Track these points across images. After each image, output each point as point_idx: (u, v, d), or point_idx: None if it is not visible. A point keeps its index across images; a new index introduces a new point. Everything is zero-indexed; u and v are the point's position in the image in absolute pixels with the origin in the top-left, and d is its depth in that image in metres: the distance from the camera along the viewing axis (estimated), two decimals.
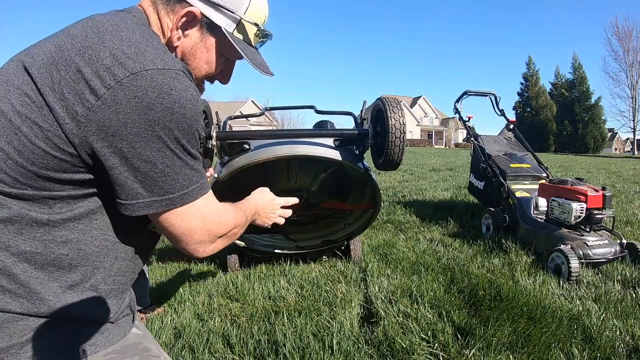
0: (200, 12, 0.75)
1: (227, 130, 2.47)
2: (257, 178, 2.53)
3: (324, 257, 3.00)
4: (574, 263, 2.38)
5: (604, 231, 2.82)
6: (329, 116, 2.87)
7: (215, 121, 2.08)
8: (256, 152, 2.10)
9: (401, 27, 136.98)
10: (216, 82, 0.89)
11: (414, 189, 6.82)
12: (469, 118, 4.49)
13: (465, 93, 4.47)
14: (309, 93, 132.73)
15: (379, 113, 1.99)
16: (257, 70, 0.84)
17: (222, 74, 0.87)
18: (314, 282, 2.46)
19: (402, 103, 1.99)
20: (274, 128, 49.93)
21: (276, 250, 2.85)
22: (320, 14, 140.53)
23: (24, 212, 0.62)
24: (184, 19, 0.74)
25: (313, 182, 2.59)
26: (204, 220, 0.72)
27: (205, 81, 0.86)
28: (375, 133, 2.05)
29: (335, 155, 2.09)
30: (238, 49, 0.78)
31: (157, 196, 0.65)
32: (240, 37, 0.80)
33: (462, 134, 49.46)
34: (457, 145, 49.37)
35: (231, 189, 2.41)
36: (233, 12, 0.77)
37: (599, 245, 2.64)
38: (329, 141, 2.19)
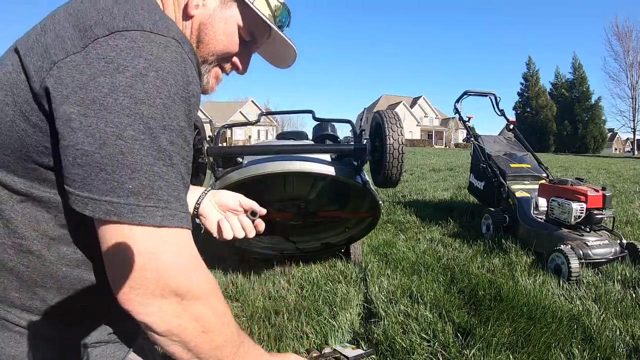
0: None
1: (220, 144, 2.41)
2: (254, 188, 2.50)
3: (324, 256, 3.00)
4: (574, 263, 2.38)
5: (604, 231, 2.82)
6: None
7: (209, 132, 2.04)
8: (250, 168, 2.06)
9: (401, 27, 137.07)
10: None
11: (414, 189, 6.82)
12: (469, 118, 4.50)
13: (465, 93, 4.47)
14: (309, 92, 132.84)
15: (378, 127, 1.94)
16: (285, 45, 0.78)
17: (240, 59, 0.77)
18: (314, 282, 2.46)
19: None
20: (274, 128, 49.94)
21: (275, 252, 2.85)
22: (320, 13, 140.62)
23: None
24: None
25: (311, 191, 2.56)
26: (159, 260, 0.50)
27: (222, 72, 0.78)
28: (373, 148, 1.99)
29: (331, 171, 2.03)
30: (263, 17, 0.71)
31: (95, 193, 0.49)
32: (263, 9, 0.73)
33: (462, 134, 49.46)
34: (457, 145, 49.38)
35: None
36: None
37: (599, 245, 2.64)
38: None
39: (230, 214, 0.89)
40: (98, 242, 0.53)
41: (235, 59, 0.76)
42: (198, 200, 0.88)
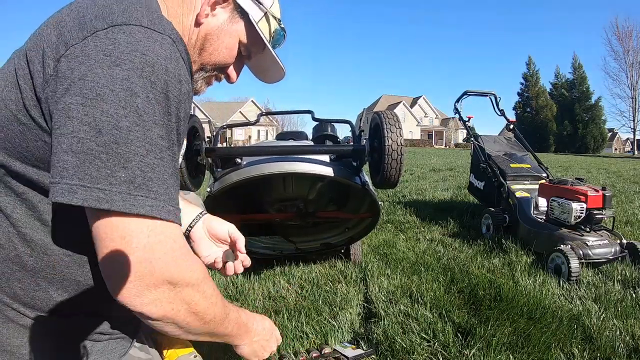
0: None
1: (220, 144, 2.41)
2: (253, 188, 2.49)
3: (324, 256, 3.00)
4: (574, 263, 2.38)
5: (604, 231, 2.82)
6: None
7: (208, 132, 2.04)
8: (248, 169, 2.05)
9: (401, 27, 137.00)
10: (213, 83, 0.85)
11: (414, 189, 6.82)
12: (469, 118, 4.49)
13: (465, 93, 4.47)
14: (309, 92, 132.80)
15: (377, 128, 1.94)
16: (276, 65, 0.84)
17: (233, 70, 0.83)
18: (314, 282, 2.46)
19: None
20: (274, 128, 49.93)
21: (275, 252, 2.85)
22: (319, 13, 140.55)
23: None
24: None
25: (310, 191, 2.55)
26: (151, 252, 0.53)
27: (214, 80, 0.83)
28: (372, 149, 1.98)
29: (329, 171, 2.03)
30: (263, 38, 0.78)
31: (87, 180, 0.49)
32: (264, 30, 0.79)
33: (462, 134, 49.47)
34: (457, 145, 49.38)
35: (227, 200, 2.38)
36: (261, 3, 0.77)
37: (599, 245, 2.63)
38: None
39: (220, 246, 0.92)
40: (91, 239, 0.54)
41: (229, 70, 0.81)
42: (191, 223, 0.90)
